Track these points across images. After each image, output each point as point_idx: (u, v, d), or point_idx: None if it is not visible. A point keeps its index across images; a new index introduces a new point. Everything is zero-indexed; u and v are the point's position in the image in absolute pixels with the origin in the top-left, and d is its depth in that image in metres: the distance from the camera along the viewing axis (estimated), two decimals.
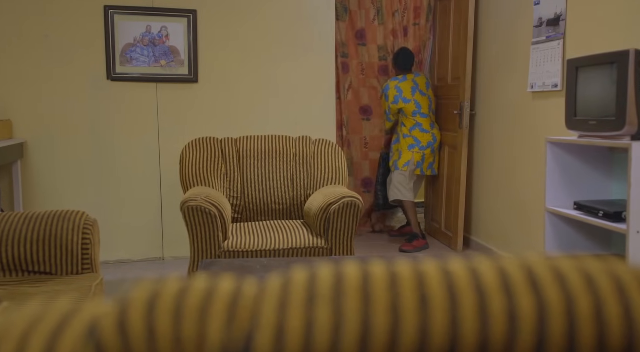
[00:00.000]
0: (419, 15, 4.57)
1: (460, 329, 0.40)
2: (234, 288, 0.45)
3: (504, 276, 0.43)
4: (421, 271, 0.44)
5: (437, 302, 0.41)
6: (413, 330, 0.40)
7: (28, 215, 2.25)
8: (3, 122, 3.39)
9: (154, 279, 0.46)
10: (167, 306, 0.42)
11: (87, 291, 2.04)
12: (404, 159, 4.22)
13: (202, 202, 2.66)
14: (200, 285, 0.45)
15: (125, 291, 0.45)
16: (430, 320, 0.41)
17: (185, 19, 3.71)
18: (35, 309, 0.43)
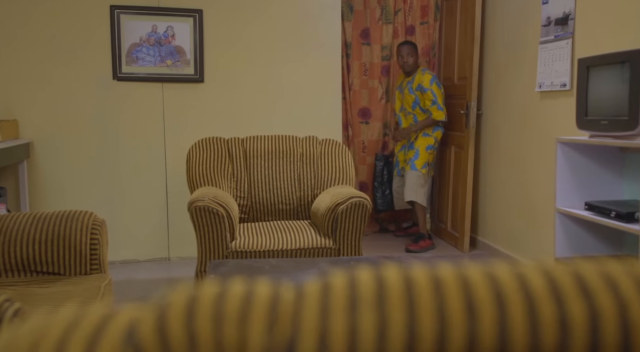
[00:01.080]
0: (427, 14, 4.55)
1: (509, 337, 0.39)
2: (271, 293, 0.44)
3: (552, 281, 0.41)
4: (465, 276, 0.43)
5: (485, 309, 0.40)
6: (461, 337, 0.39)
7: (36, 215, 2.24)
8: (9, 122, 3.38)
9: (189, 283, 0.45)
10: (206, 311, 0.41)
11: (97, 291, 2.03)
12: (422, 160, 4.14)
13: (209, 203, 2.66)
14: (237, 289, 0.43)
15: (161, 296, 0.44)
16: (478, 327, 0.40)
17: (192, 18, 3.70)
18: (69, 314, 0.42)
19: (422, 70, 4.16)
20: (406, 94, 4.24)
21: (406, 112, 4.31)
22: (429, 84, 4.08)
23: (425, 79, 4.10)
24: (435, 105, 4.09)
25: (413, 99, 4.19)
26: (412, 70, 4.19)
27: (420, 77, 4.11)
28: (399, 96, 4.37)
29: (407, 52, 4.16)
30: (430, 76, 4.10)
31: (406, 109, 4.29)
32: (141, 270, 3.63)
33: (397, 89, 4.39)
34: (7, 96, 3.53)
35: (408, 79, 4.23)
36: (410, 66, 4.17)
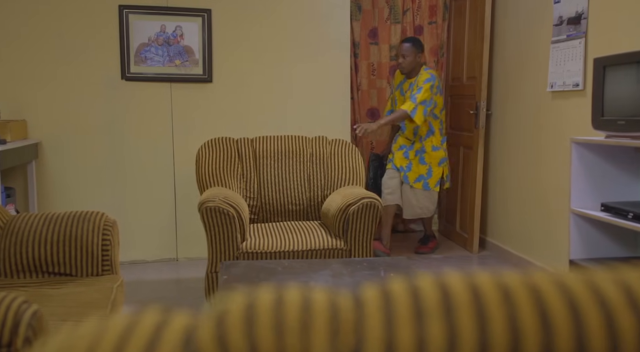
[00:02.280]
0: (435, 13, 4.53)
1: (587, 348, 0.37)
2: (329, 300, 0.42)
3: (627, 290, 0.39)
4: (534, 284, 0.41)
5: (560, 319, 0.38)
6: (536, 348, 0.37)
7: (48, 216, 2.23)
8: (18, 122, 3.37)
9: (243, 289, 0.43)
10: (266, 320, 0.39)
11: (109, 292, 2.02)
12: (436, 177, 3.85)
13: (220, 203, 2.64)
14: (295, 297, 0.42)
15: (216, 303, 0.42)
16: (554, 337, 0.38)
17: (200, 18, 3.68)
18: (121, 321, 0.40)
19: (425, 69, 3.78)
20: (397, 95, 3.92)
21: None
22: (422, 82, 3.68)
23: (421, 78, 3.71)
24: (410, 98, 3.65)
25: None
26: (411, 71, 3.80)
27: (419, 77, 3.75)
28: (399, 97, 3.93)
29: (402, 51, 3.77)
30: (427, 75, 3.69)
31: None
32: (149, 271, 3.61)
33: (397, 88, 3.94)
34: (16, 96, 3.52)
35: (411, 80, 3.85)
36: (406, 67, 3.78)
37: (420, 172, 3.85)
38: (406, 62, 3.75)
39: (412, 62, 3.76)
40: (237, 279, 2.11)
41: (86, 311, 1.83)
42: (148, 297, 3.12)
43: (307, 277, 2.11)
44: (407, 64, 3.76)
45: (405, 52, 3.75)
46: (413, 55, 3.75)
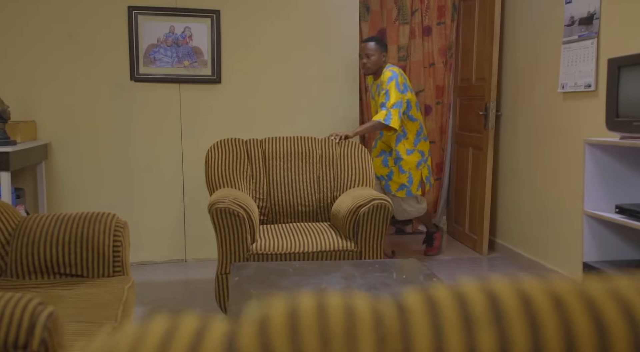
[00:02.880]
0: (444, 14, 4.51)
1: None
2: (371, 306, 0.41)
3: None
4: (586, 292, 0.40)
5: (618, 330, 0.37)
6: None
7: (59, 217, 2.23)
8: (28, 123, 3.38)
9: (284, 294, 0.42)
10: (310, 327, 0.38)
11: (120, 294, 2.01)
12: (416, 182, 3.71)
13: (230, 205, 2.63)
14: (337, 303, 0.40)
15: (256, 308, 0.41)
16: (610, 345, 0.36)
17: (209, 19, 3.68)
18: (160, 328, 0.39)
19: (387, 67, 3.55)
20: (376, 97, 3.65)
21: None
22: (387, 81, 3.47)
23: (385, 76, 3.49)
24: (380, 107, 3.47)
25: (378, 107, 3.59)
26: (376, 70, 3.59)
27: (382, 77, 3.53)
28: (371, 102, 3.81)
29: (366, 51, 3.55)
30: (389, 73, 3.47)
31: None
32: (158, 272, 3.61)
33: (368, 92, 3.76)
34: (25, 97, 3.53)
35: (377, 81, 3.62)
36: (371, 67, 3.56)
37: (402, 182, 3.69)
38: (371, 61, 3.54)
39: (377, 61, 3.55)
40: (248, 280, 2.10)
41: (98, 312, 1.82)
42: (157, 298, 3.11)
43: (319, 279, 2.10)
44: (372, 63, 3.54)
45: (369, 51, 3.53)
46: (378, 54, 3.54)
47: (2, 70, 3.45)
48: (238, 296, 1.92)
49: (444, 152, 4.69)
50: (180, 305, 3.00)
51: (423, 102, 4.64)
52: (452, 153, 4.64)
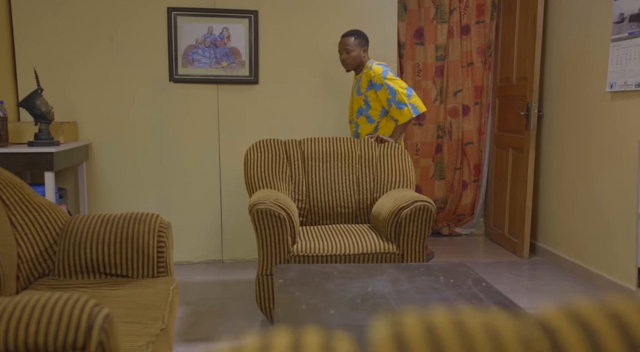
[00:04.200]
0: (483, 12, 4.43)
1: None
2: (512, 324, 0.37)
3: None
4: None
5: None
6: None
7: (104, 217, 2.24)
8: (70, 124, 3.43)
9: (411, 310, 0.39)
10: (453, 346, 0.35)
11: (166, 295, 2.01)
12: None
13: (271, 206, 2.61)
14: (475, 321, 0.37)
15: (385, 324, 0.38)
16: None
17: (247, 19, 3.68)
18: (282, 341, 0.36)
19: (370, 62, 3.33)
20: (355, 95, 3.45)
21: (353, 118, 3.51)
22: (382, 77, 3.25)
23: (376, 72, 3.26)
24: (394, 104, 3.25)
25: (362, 103, 3.38)
26: (358, 65, 3.38)
27: (370, 73, 3.29)
28: (351, 99, 3.56)
29: (346, 46, 3.31)
30: (381, 68, 3.26)
31: (354, 113, 3.48)
32: (195, 272, 3.62)
33: (353, 87, 3.54)
34: (67, 98, 3.58)
35: (357, 76, 3.43)
36: (350, 63, 3.34)
37: None
38: (350, 57, 3.31)
39: (357, 57, 3.33)
40: (293, 283, 2.07)
41: (145, 313, 1.82)
42: (196, 299, 3.12)
43: (364, 283, 2.06)
44: (352, 59, 3.32)
45: (348, 46, 3.30)
46: (358, 49, 3.32)
47: (46, 72, 3.50)
48: (284, 298, 1.89)
49: (482, 154, 4.61)
50: (220, 306, 3.00)
51: (461, 103, 4.56)
52: (491, 154, 4.55)
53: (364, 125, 3.41)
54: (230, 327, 2.71)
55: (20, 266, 2.04)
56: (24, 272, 2.06)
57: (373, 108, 3.34)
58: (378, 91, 3.28)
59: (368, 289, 1.98)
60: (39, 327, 1.15)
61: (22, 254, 2.06)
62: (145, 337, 1.63)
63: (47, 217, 2.17)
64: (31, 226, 2.11)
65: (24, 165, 2.96)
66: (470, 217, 4.68)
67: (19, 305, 1.18)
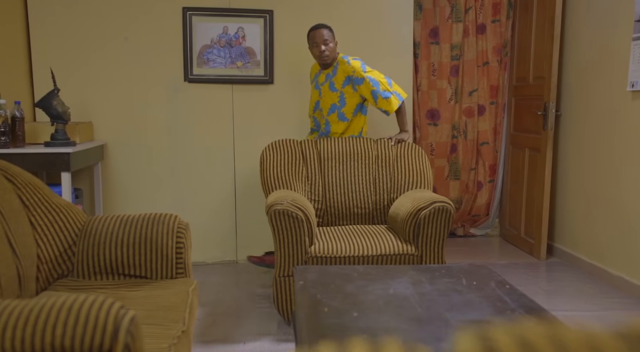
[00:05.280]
0: (499, 11, 4.39)
1: None
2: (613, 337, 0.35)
3: None
4: None
5: None
6: None
7: (122, 218, 2.23)
8: (85, 124, 3.42)
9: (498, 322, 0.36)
10: None
11: (185, 296, 1.99)
12: None
13: (288, 207, 2.59)
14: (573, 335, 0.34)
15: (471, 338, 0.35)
16: None
17: (262, 19, 3.66)
18: None
19: (343, 57, 3.22)
20: (325, 91, 3.27)
21: (321, 114, 3.35)
22: (362, 71, 3.15)
23: (356, 67, 3.15)
24: (379, 95, 3.15)
25: (336, 100, 3.23)
26: (333, 59, 3.24)
27: (348, 68, 3.17)
28: (314, 92, 3.38)
29: (324, 38, 3.17)
30: (358, 62, 3.18)
31: (322, 110, 3.32)
32: (210, 273, 3.60)
33: (313, 81, 3.39)
34: (82, 98, 3.58)
35: (328, 71, 3.27)
36: (330, 55, 3.20)
37: None
38: (330, 48, 3.18)
39: (335, 48, 3.22)
40: (313, 284, 2.05)
41: (166, 314, 1.81)
42: (212, 300, 3.10)
43: (385, 284, 2.04)
44: (332, 50, 3.19)
45: (327, 37, 3.17)
46: (334, 41, 3.21)
47: (61, 72, 3.50)
48: (305, 300, 1.87)
49: (498, 154, 4.56)
50: (236, 307, 2.98)
51: (476, 102, 4.52)
52: (507, 154, 4.51)
53: (336, 124, 3.27)
54: (247, 329, 2.69)
55: (39, 266, 2.04)
56: (44, 273, 2.05)
57: (348, 105, 3.22)
58: (360, 85, 3.15)
59: (389, 291, 1.96)
60: (66, 329, 1.13)
61: (41, 255, 2.05)
62: (167, 340, 1.61)
63: (65, 218, 2.16)
64: (50, 226, 2.11)
65: (41, 166, 2.96)
66: (485, 218, 4.64)
67: (45, 307, 1.17)
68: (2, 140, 2.90)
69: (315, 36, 3.18)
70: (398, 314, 1.74)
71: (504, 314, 1.67)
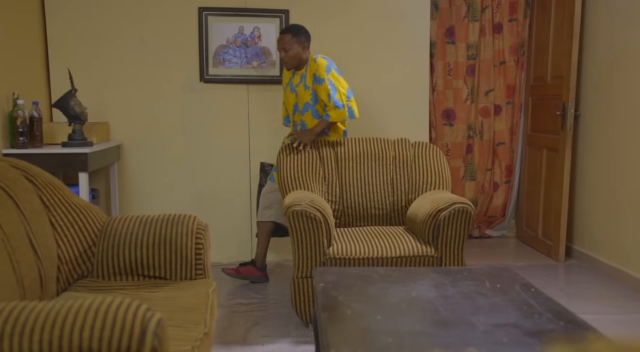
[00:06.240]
0: (516, 10, 4.34)
1: None
2: None
3: None
4: None
5: None
6: None
7: (142, 218, 2.22)
8: (102, 124, 3.43)
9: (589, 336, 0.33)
10: None
11: (205, 298, 1.98)
12: None
13: (307, 207, 2.57)
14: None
15: None
16: None
17: (278, 19, 3.65)
18: None
19: (314, 55, 3.14)
20: (301, 91, 3.18)
21: (298, 116, 3.26)
22: (325, 72, 3.06)
23: (320, 65, 3.07)
24: (333, 102, 3.04)
25: (309, 98, 3.15)
26: (298, 63, 3.17)
27: (314, 66, 3.09)
28: (290, 96, 3.29)
29: (283, 44, 3.12)
30: (325, 62, 3.08)
31: (300, 111, 3.23)
32: None
33: (287, 85, 3.29)
34: (98, 99, 3.58)
35: (301, 71, 3.20)
36: (289, 62, 3.15)
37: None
38: (288, 56, 3.12)
39: (296, 55, 3.13)
40: (334, 286, 2.03)
41: (187, 316, 1.79)
42: (228, 301, 3.09)
43: (408, 287, 2.01)
44: (290, 58, 3.12)
45: (285, 44, 3.11)
46: (296, 47, 3.11)
47: (78, 72, 3.50)
48: (327, 303, 1.85)
49: (514, 154, 4.52)
50: (253, 308, 2.97)
51: (493, 102, 4.48)
52: (523, 155, 4.46)
53: (312, 123, 3.17)
54: (265, 331, 2.67)
55: (60, 267, 2.03)
56: (64, 274, 2.05)
57: (320, 102, 3.13)
58: (319, 85, 3.07)
59: (412, 294, 1.93)
60: (93, 332, 1.12)
61: (62, 255, 2.04)
62: (190, 342, 1.60)
63: (85, 219, 2.16)
64: (70, 227, 2.10)
65: (58, 166, 2.97)
66: (501, 219, 4.59)
67: (72, 309, 1.16)
68: (21, 140, 2.91)
69: (278, 42, 3.16)
70: (422, 317, 1.72)
71: (532, 318, 1.64)
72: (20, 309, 1.16)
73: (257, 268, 3.39)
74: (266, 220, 3.30)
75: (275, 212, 3.27)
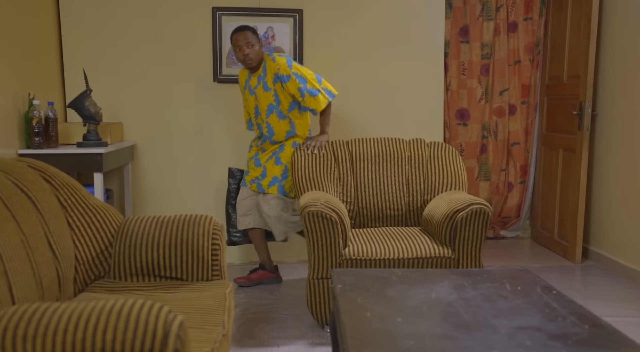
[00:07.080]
0: (531, 9, 4.30)
1: None
2: None
3: None
4: None
5: None
6: None
7: (158, 219, 2.21)
8: (116, 125, 3.43)
9: None
10: None
11: (223, 299, 1.96)
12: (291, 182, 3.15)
13: (322, 208, 2.55)
14: None
15: None
16: None
17: (292, 19, 3.63)
18: None
19: (269, 54, 3.10)
20: (261, 93, 3.12)
21: (261, 119, 3.18)
22: (288, 67, 3.03)
23: (281, 63, 3.03)
24: (307, 93, 3.03)
25: (271, 99, 3.10)
26: (260, 61, 3.12)
27: (274, 65, 3.05)
28: (249, 99, 3.22)
29: (247, 40, 3.03)
30: (284, 58, 3.05)
31: (261, 114, 3.16)
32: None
33: (245, 88, 3.22)
34: (112, 99, 3.59)
35: (258, 72, 3.13)
36: (255, 58, 3.06)
37: (275, 174, 3.15)
38: (254, 51, 3.04)
39: (260, 51, 3.09)
40: (353, 288, 2.01)
41: (205, 317, 1.78)
42: (242, 302, 3.08)
43: (427, 289, 1.98)
44: (255, 53, 3.06)
45: (251, 39, 3.03)
46: (258, 43, 3.09)
47: (92, 73, 3.51)
48: (346, 305, 1.83)
49: (529, 154, 4.47)
50: (268, 309, 2.96)
51: (507, 102, 4.44)
52: (538, 155, 4.41)
53: (278, 124, 3.12)
54: (280, 332, 2.66)
55: (77, 268, 2.03)
56: (81, 275, 2.04)
57: (283, 102, 3.09)
58: (286, 83, 3.03)
59: (432, 296, 1.90)
60: (116, 334, 1.11)
61: (79, 256, 2.04)
62: (209, 344, 1.59)
63: (102, 219, 2.15)
64: (87, 227, 2.10)
65: (73, 166, 2.97)
66: (516, 220, 4.55)
67: (95, 311, 1.15)
68: (36, 141, 2.92)
69: (239, 39, 3.04)
70: (443, 320, 1.69)
71: (555, 322, 1.61)
72: (42, 310, 1.15)
73: (268, 271, 3.38)
74: (247, 227, 3.25)
75: (254, 219, 3.23)
